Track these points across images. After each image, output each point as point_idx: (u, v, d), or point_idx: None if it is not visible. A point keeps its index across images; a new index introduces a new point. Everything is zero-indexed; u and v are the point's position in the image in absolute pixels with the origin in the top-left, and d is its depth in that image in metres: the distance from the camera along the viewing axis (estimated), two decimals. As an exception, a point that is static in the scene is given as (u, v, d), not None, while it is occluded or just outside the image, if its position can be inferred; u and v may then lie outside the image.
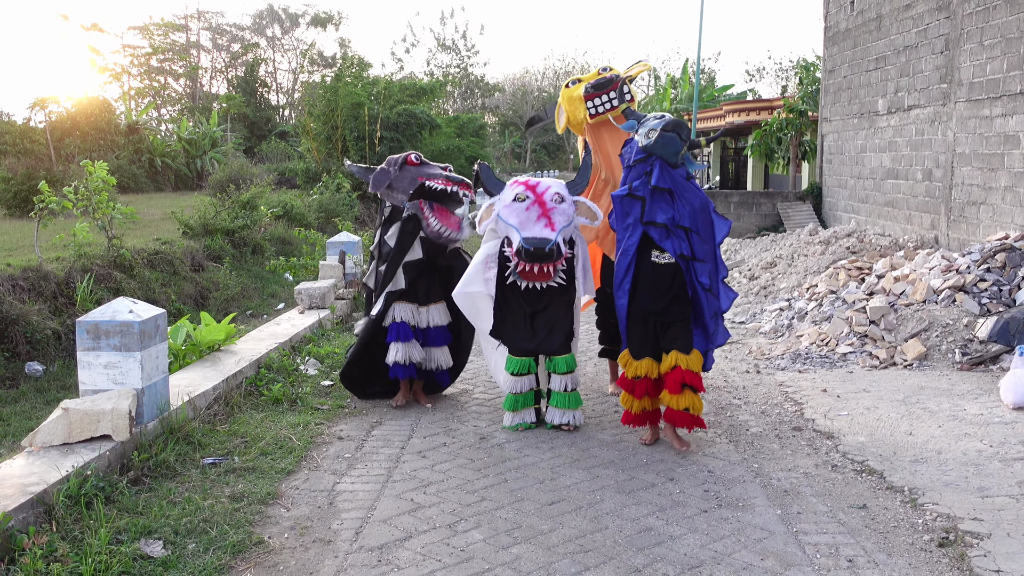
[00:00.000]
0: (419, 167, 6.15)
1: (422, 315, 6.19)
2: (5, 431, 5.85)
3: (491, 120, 59.11)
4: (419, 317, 6.19)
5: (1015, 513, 4.18)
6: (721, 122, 25.85)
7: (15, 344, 7.55)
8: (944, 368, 6.99)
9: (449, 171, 6.24)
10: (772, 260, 11.96)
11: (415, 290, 6.15)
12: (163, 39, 48.79)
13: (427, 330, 6.21)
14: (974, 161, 10.37)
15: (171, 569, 3.68)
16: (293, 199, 17.52)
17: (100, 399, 4.73)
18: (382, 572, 3.71)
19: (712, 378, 7.02)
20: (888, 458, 5.04)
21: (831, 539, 4.02)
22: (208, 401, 5.75)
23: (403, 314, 6.12)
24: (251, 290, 11.70)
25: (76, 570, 3.50)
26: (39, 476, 4.14)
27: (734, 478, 4.81)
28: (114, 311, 4.97)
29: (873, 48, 13.69)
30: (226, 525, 4.10)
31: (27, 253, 9.57)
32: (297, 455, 5.14)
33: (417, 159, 6.20)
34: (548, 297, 5.54)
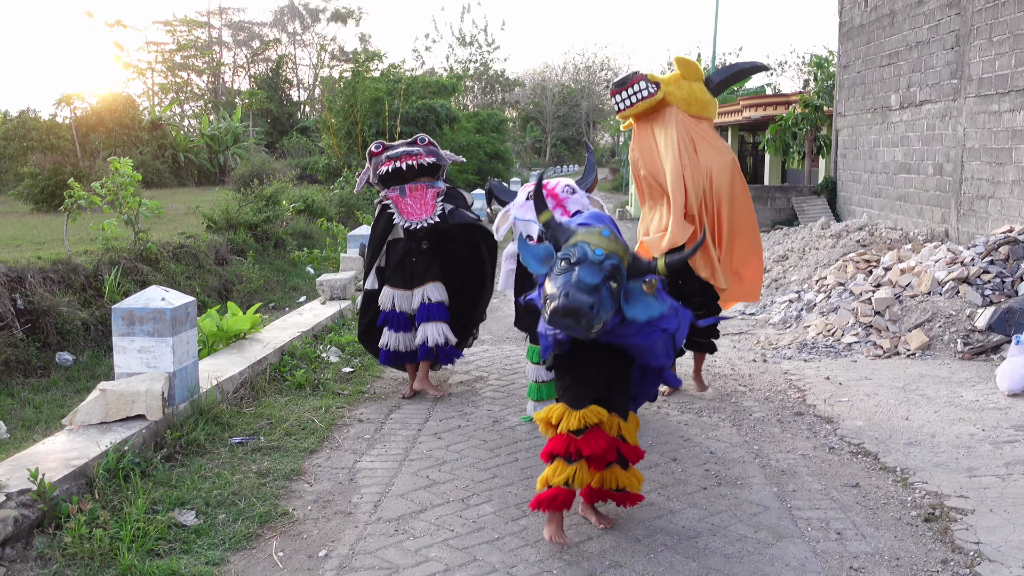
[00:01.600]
0: (379, 155, 6.14)
1: (416, 296, 6.19)
2: (38, 418, 6.15)
3: (511, 115, 59.33)
4: (413, 300, 6.19)
5: (999, 491, 4.40)
6: (738, 116, 25.94)
7: (46, 335, 7.84)
8: (946, 358, 7.18)
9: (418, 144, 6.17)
10: (784, 253, 12.15)
11: (408, 273, 6.17)
12: (186, 35, 49.38)
13: (425, 306, 6.18)
14: (983, 156, 10.52)
15: (203, 536, 3.97)
16: (314, 194, 17.84)
17: (135, 381, 5.03)
18: (399, 540, 3.98)
19: (719, 366, 7.25)
20: (883, 441, 5.26)
21: (823, 514, 4.25)
22: (235, 385, 6.04)
23: (399, 302, 6.20)
24: (273, 283, 12.02)
25: (117, 535, 3.78)
26: (80, 451, 4.44)
27: (734, 459, 5.05)
28: (147, 299, 5.26)
29: (886, 44, 13.82)
30: (253, 498, 4.39)
31: (56, 247, 9.90)
32: (319, 436, 5.42)
33: (378, 147, 6.17)
34: None
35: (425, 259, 6.22)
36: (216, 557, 3.79)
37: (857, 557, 3.78)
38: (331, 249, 13.37)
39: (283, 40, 55.20)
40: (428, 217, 5.97)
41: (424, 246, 6.19)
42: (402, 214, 5.99)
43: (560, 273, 3.48)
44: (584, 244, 3.52)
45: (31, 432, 5.86)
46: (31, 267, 8.19)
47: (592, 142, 70.04)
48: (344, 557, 3.83)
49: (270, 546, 3.94)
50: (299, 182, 20.44)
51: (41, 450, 4.48)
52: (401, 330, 6.22)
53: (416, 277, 6.19)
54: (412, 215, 5.99)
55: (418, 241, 6.15)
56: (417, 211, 6.00)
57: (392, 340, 6.23)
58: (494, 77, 55.45)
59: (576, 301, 3.32)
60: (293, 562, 3.79)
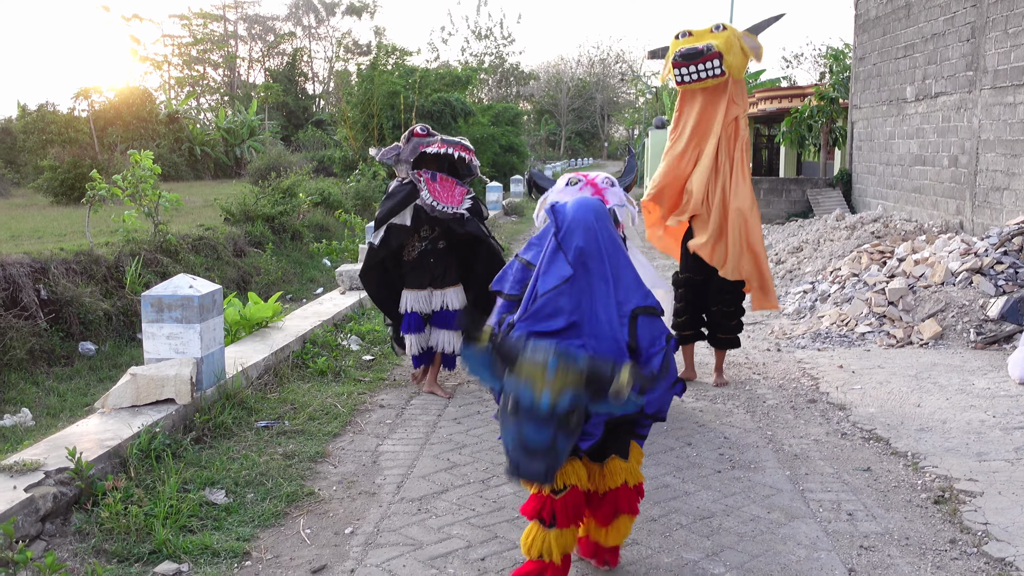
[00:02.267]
0: (424, 137, 6.03)
1: (436, 298, 6.10)
2: (62, 405, 6.30)
3: (526, 107, 59.37)
4: (432, 301, 6.10)
5: (1008, 475, 4.49)
6: (754, 109, 25.91)
7: (69, 325, 8.00)
8: (959, 347, 7.26)
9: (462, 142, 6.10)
10: (799, 245, 12.21)
11: (428, 273, 6.08)
12: (202, 29, 49.68)
13: (441, 312, 6.11)
14: (998, 147, 10.55)
15: (233, 514, 4.11)
16: (331, 186, 17.99)
17: (164, 366, 5.18)
18: (422, 519, 4.11)
19: (733, 355, 7.33)
20: (895, 427, 5.35)
21: (834, 496, 4.35)
22: (259, 371, 6.19)
23: (414, 303, 6.10)
24: (291, 275, 12.18)
25: (151, 512, 3.93)
26: (113, 432, 4.58)
27: (748, 444, 5.15)
28: (176, 286, 5.41)
29: (902, 36, 13.83)
30: (280, 478, 4.53)
31: (77, 239, 10.05)
32: (342, 420, 5.56)
33: (424, 130, 6.08)
34: None
35: (443, 260, 6.13)
36: (246, 533, 3.93)
37: (867, 536, 3.88)
38: (349, 240, 13.53)
39: (298, 33, 55.43)
40: (456, 207, 5.94)
41: (441, 245, 6.13)
42: (433, 196, 5.91)
43: (507, 423, 2.88)
44: (525, 388, 2.82)
45: (56, 420, 6.02)
46: (54, 258, 8.34)
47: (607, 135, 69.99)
48: (369, 534, 3.96)
49: (297, 524, 4.08)
50: (315, 175, 20.60)
51: (76, 431, 4.63)
52: (418, 331, 6.14)
53: (436, 279, 6.11)
54: (441, 199, 5.94)
55: (435, 241, 6.10)
56: (445, 198, 5.96)
57: (416, 344, 6.15)
58: (509, 70, 55.53)
59: (528, 473, 2.82)
60: (320, 538, 3.93)
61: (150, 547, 3.72)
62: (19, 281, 7.81)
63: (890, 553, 3.72)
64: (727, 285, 6.21)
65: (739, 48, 6.18)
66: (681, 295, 6.39)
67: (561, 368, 2.82)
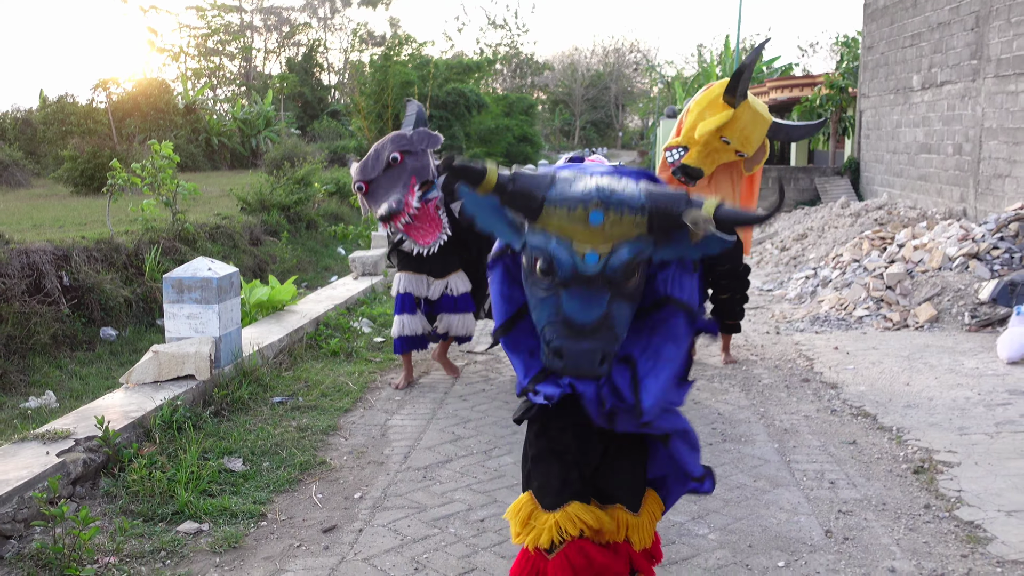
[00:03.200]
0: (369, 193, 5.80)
1: (436, 286, 6.05)
2: (84, 389, 6.53)
3: (540, 97, 59.44)
4: (430, 288, 6.05)
5: (987, 447, 4.70)
6: (765, 98, 26.00)
7: (91, 311, 8.22)
8: (953, 330, 7.45)
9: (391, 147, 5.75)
10: (803, 232, 12.39)
11: (421, 262, 5.98)
12: (218, 20, 50.02)
13: (449, 297, 6.06)
14: (1000, 135, 10.69)
15: (250, 480, 4.39)
16: (345, 176, 18.24)
17: (184, 344, 5.45)
18: (427, 485, 4.37)
19: (734, 338, 7.55)
20: (883, 404, 5.57)
21: (819, 467, 4.58)
22: (274, 351, 6.46)
23: (408, 285, 6.03)
24: (306, 263, 12.45)
25: (174, 477, 4.20)
26: (137, 405, 4.87)
27: (740, 419, 5.38)
28: (195, 269, 5.68)
29: (909, 25, 13.94)
30: (294, 449, 4.80)
31: (98, 227, 10.29)
32: (353, 397, 5.82)
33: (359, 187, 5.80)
34: None
35: (443, 251, 5.95)
36: (262, 498, 4.20)
37: (846, 502, 4.11)
38: (364, 227, 13.79)
39: (313, 24, 55.71)
40: (440, 234, 5.84)
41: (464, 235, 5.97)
42: (416, 241, 5.83)
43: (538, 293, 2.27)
44: (563, 246, 2.18)
45: (79, 402, 6.28)
46: (76, 246, 8.53)
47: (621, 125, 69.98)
48: (377, 499, 4.22)
49: (310, 489, 4.35)
50: (330, 165, 20.86)
51: (102, 404, 4.92)
52: (410, 312, 6.03)
53: (436, 270, 6.03)
54: (423, 238, 5.83)
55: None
56: (427, 231, 5.84)
57: (406, 326, 6.02)
58: (524, 61, 55.64)
59: (576, 360, 2.18)
60: (331, 502, 4.19)
61: (173, 508, 3.99)
62: (42, 268, 8.03)
63: (866, 517, 3.95)
64: (735, 271, 6.40)
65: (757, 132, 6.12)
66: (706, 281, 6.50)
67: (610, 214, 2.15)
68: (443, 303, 6.09)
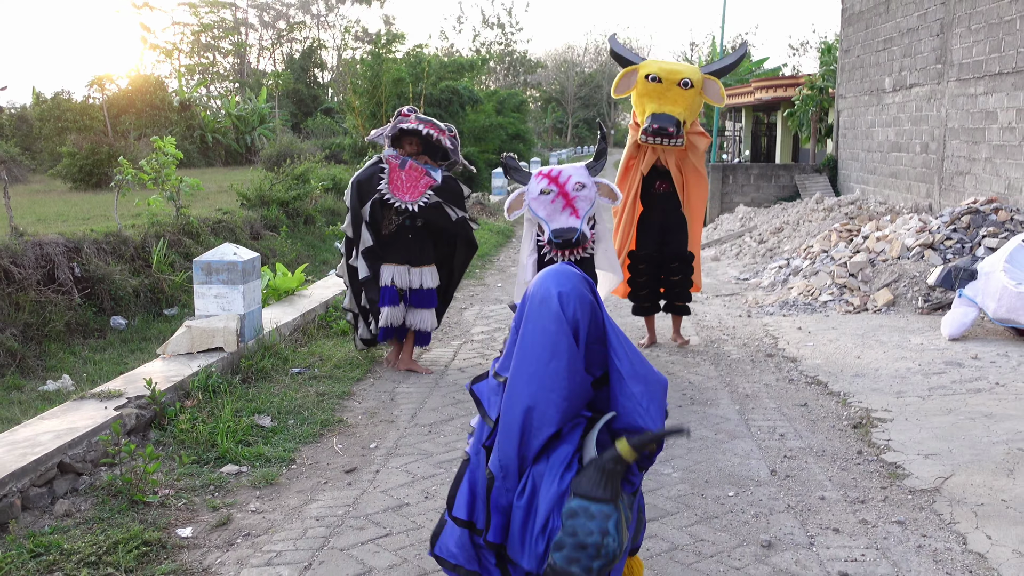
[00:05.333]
0: (406, 117, 6.26)
1: (414, 276, 6.33)
2: (98, 373, 6.99)
3: (533, 95, 60.01)
4: (411, 278, 6.33)
5: (917, 407, 5.41)
6: (751, 98, 26.75)
7: (101, 300, 8.64)
8: (907, 313, 8.16)
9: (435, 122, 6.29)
10: (780, 226, 13.11)
11: (406, 249, 6.26)
12: (211, 16, 50.46)
13: (419, 291, 6.35)
14: (961, 135, 11.42)
15: (278, 434, 5.06)
16: (341, 172, 18.83)
17: (213, 320, 6.11)
18: (432, 437, 5.05)
19: (708, 321, 8.25)
20: (835, 374, 6.27)
21: (772, 423, 5.28)
22: (290, 330, 7.13)
23: (392, 277, 6.29)
24: (304, 257, 13.04)
25: (214, 430, 4.87)
26: (176, 371, 5.53)
27: (708, 387, 6.08)
28: (222, 253, 6.34)
29: (882, 30, 14.67)
30: (315, 409, 5.48)
31: (101, 222, 10.68)
32: (363, 368, 6.49)
33: (410, 111, 6.30)
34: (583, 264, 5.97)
35: (420, 237, 6.29)
36: (291, 447, 4.87)
37: (791, 450, 4.81)
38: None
39: (307, 22, 56.22)
40: (411, 202, 6.13)
41: (419, 223, 6.29)
42: (390, 184, 6.14)
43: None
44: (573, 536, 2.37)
45: (94, 385, 6.81)
46: (86, 238, 8.98)
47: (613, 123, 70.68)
48: (390, 448, 4.90)
49: (331, 441, 5.02)
50: (326, 162, 21.44)
51: (144, 371, 5.58)
52: (394, 304, 6.30)
53: (413, 256, 6.31)
54: (399, 191, 6.13)
55: (413, 217, 6.25)
56: (404, 190, 6.14)
57: (390, 316, 6.29)
58: (518, 59, 56.25)
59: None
60: (350, 451, 4.87)
61: (216, 454, 4.66)
62: (55, 259, 8.43)
63: (807, 461, 4.65)
64: (680, 255, 7.04)
65: (699, 106, 6.98)
66: (642, 271, 7.09)
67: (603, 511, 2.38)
68: (412, 296, 6.38)
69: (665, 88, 6.73)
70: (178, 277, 9.57)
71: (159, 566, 3.50)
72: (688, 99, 6.75)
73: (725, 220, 16.43)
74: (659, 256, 7.03)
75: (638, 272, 7.10)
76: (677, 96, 6.72)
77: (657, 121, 6.60)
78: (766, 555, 3.58)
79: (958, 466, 4.43)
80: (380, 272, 6.31)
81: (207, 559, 3.60)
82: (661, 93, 6.73)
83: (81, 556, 3.47)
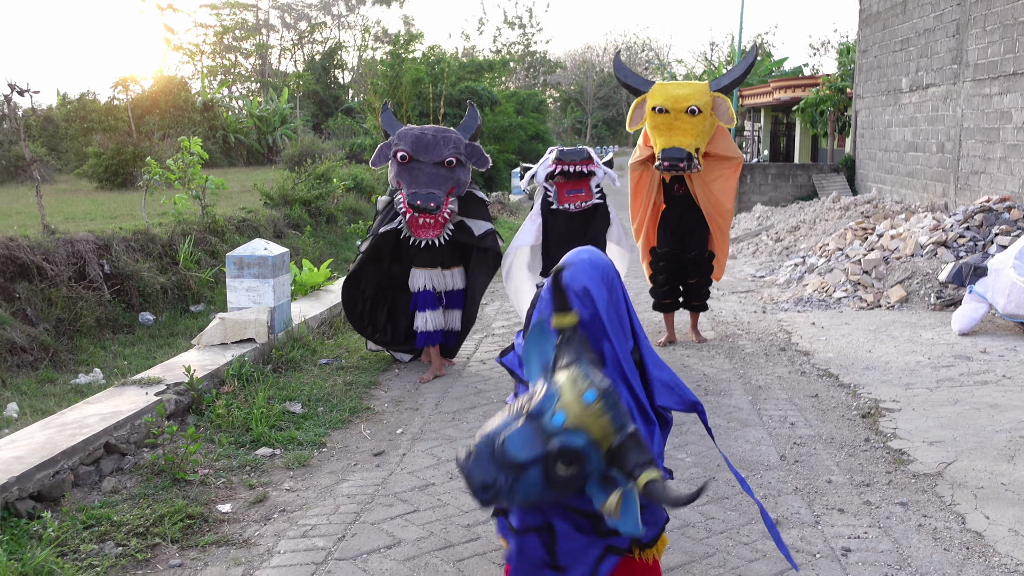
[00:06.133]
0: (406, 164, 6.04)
1: (447, 279, 6.39)
2: (129, 368, 7.18)
3: (553, 95, 60.17)
4: (444, 281, 6.38)
5: (925, 398, 5.58)
6: (769, 98, 26.84)
7: (130, 297, 8.77)
8: (920, 309, 8.31)
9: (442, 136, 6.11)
10: (796, 224, 13.25)
11: (435, 252, 6.21)
12: (232, 18, 51.01)
13: (451, 292, 6.42)
14: (977, 135, 11.54)
15: (309, 420, 5.30)
16: (362, 172, 19.09)
17: (245, 313, 6.37)
18: (456, 424, 5.28)
19: (724, 316, 8.43)
20: (846, 367, 6.45)
21: (783, 413, 5.46)
22: (317, 323, 7.38)
23: (428, 281, 6.30)
24: (327, 255, 13.29)
25: (247, 416, 5.11)
26: (211, 361, 5.78)
27: (722, 379, 6.27)
28: (253, 248, 6.60)
29: (899, 30, 14.78)
30: (343, 397, 5.72)
31: (128, 220, 10.89)
32: (388, 360, 6.73)
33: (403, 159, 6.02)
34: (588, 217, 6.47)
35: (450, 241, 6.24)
36: (321, 432, 5.11)
37: (801, 437, 5.00)
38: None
39: (328, 23, 56.67)
40: (432, 239, 6.06)
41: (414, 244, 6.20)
42: (410, 227, 6.06)
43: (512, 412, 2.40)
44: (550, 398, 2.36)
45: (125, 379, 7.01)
46: (115, 236, 9.16)
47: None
48: (415, 433, 5.13)
49: (359, 427, 5.26)
50: (347, 161, 21.70)
51: (181, 360, 5.84)
52: (435, 308, 6.32)
53: (446, 259, 6.33)
54: (420, 231, 6.05)
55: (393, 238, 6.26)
56: (426, 228, 6.05)
57: (428, 320, 6.30)
58: (538, 60, 56.42)
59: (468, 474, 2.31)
60: (378, 436, 5.11)
61: (250, 438, 4.91)
62: (86, 257, 8.64)
63: (816, 447, 4.84)
64: (701, 258, 7.23)
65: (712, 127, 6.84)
66: (662, 268, 7.27)
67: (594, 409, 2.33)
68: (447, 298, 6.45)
69: (673, 118, 6.70)
70: (204, 274, 9.79)
71: (203, 537, 3.75)
72: (698, 127, 6.70)
73: (743, 219, 16.57)
74: (680, 255, 7.21)
75: (658, 269, 7.29)
76: (686, 125, 6.67)
77: (668, 157, 6.58)
78: (773, 532, 3.78)
79: (961, 452, 4.61)
80: (413, 278, 6.33)
81: (247, 531, 3.84)
82: (669, 124, 6.70)
83: (130, 527, 3.72)
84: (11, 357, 6.88)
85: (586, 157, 6.40)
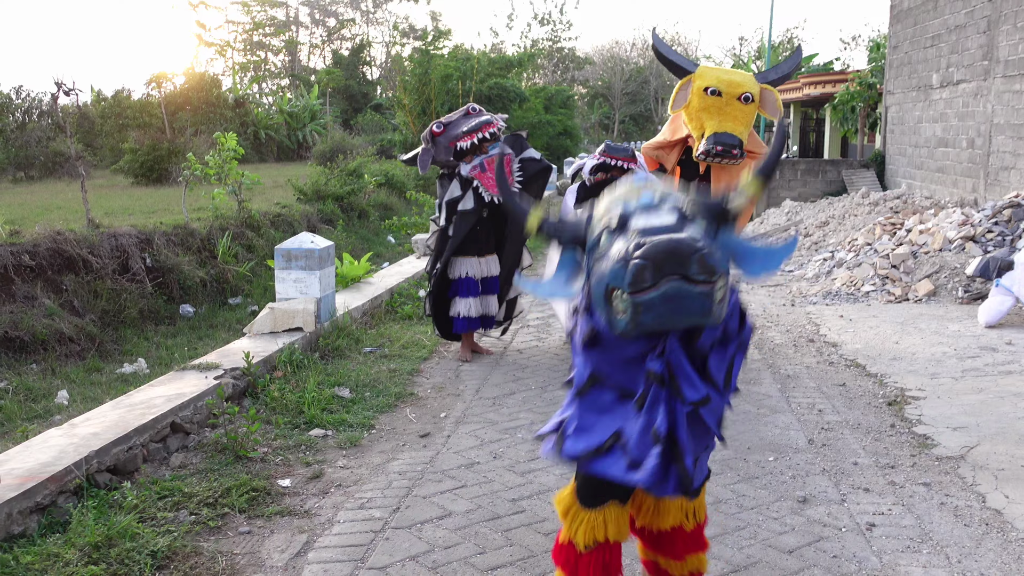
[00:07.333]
0: (445, 133, 6.40)
1: (483, 265, 6.64)
2: (170, 358, 7.38)
3: (580, 91, 60.23)
4: (482, 268, 6.63)
5: (950, 387, 5.76)
6: (800, 94, 26.84)
7: (171, 289, 9.07)
8: (947, 303, 8.46)
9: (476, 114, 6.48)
10: (825, 220, 13.38)
11: (477, 242, 6.52)
12: (263, 14, 51.55)
13: (488, 279, 6.66)
14: (1007, 131, 11.62)
15: (357, 404, 5.58)
16: (393, 168, 19.38)
17: (293, 303, 6.66)
18: (497, 408, 5.54)
19: (752, 309, 8.62)
20: (873, 357, 6.63)
21: (811, 400, 5.67)
22: (360, 313, 7.67)
23: (468, 269, 6.59)
24: (359, 251, 13.57)
25: (299, 399, 5.40)
26: (263, 348, 6.08)
27: (752, 368, 6.47)
28: (300, 241, 6.89)
29: (930, 27, 14.85)
30: (388, 383, 6.00)
31: (166, 215, 11.20)
32: (429, 349, 7.01)
33: (439, 127, 6.44)
34: None
35: (487, 228, 6.58)
36: (369, 416, 5.39)
37: (829, 423, 5.21)
38: (418, 216, 14.90)
39: (356, 19, 57.10)
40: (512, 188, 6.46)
41: (484, 214, 6.53)
42: (488, 189, 6.38)
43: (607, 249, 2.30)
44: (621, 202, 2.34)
45: (167, 369, 7.21)
46: (157, 231, 9.49)
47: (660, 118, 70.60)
48: (458, 417, 5.40)
49: (405, 411, 5.53)
50: (378, 157, 21.99)
51: (235, 347, 6.14)
52: (474, 295, 6.60)
53: (483, 247, 6.60)
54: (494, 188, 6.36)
55: (479, 211, 6.50)
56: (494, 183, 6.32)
57: (467, 307, 6.59)
58: (566, 56, 56.48)
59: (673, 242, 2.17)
60: (423, 419, 5.38)
61: (303, 420, 5.20)
62: (129, 250, 8.88)
63: (843, 432, 5.04)
64: None
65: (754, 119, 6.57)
66: None
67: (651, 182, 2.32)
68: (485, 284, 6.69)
69: (725, 103, 6.28)
70: (242, 268, 10.05)
71: (267, 508, 4.03)
72: (749, 115, 6.37)
73: (771, 214, 16.68)
74: None
75: None
76: (738, 112, 6.28)
77: (721, 142, 6.11)
78: (801, 508, 4.00)
79: (983, 437, 4.80)
80: (455, 265, 6.57)
81: (307, 504, 4.13)
82: (721, 108, 6.28)
83: (201, 498, 4.02)
84: (60, 347, 7.18)
85: (631, 155, 6.49)
